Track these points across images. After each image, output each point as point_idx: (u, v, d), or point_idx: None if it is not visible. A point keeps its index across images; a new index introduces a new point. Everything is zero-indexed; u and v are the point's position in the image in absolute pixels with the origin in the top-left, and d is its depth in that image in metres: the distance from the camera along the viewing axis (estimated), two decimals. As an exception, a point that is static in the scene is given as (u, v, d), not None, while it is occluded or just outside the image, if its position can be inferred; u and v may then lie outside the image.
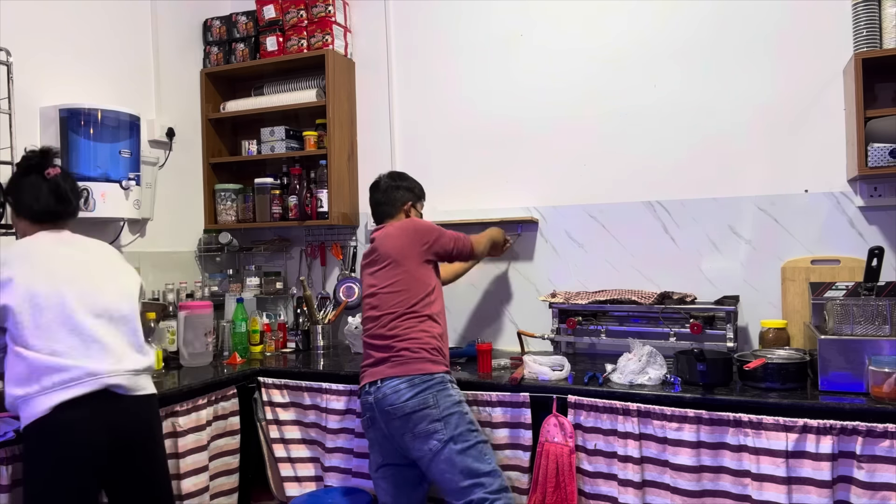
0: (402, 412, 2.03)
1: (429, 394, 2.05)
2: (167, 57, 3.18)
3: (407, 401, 2.03)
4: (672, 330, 2.47)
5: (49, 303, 1.77)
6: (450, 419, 2.03)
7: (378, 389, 2.08)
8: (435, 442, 2.01)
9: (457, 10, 3.08)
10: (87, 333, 1.80)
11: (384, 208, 2.37)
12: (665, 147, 2.73)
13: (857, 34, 2.24)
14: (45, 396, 1.70)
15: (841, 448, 1.82)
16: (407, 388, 2.05)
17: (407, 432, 2.03)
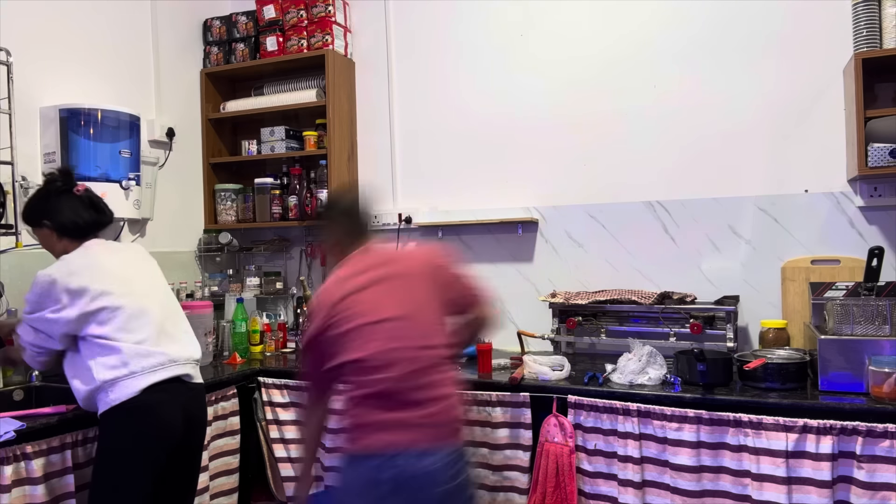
0: (442, 493, 1.60)
1: (466, 468, 1.69)
2: (167, 57, 3.18)
3: (454, 475, 1.62)
4: (672, 330, 2.47)
5: (124, 301, 1.92)
6: (473, 500, 1.73)
7: (411, 462, 1.58)
8: None
9: (457, 10, 3.08)
10: (159, 324, 1.98)
11: None
12: (665, 147, 2.73)
13: (857, 34, 2.24)
14: (135, 379, 1.85)
15: (841, 448, 1.82)
16: (454, 462, 1.64)
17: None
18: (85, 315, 1.87)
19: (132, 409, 1.84)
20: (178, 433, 1.92)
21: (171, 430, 1.90)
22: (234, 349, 2.85)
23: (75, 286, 1.87)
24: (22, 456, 1.78)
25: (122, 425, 1.84)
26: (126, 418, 1.84)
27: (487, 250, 3.03)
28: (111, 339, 1.87)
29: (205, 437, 2.14)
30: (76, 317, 1.86)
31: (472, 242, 3.06)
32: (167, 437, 1.89)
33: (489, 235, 3.02)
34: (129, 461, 1.83)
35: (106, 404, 1.84)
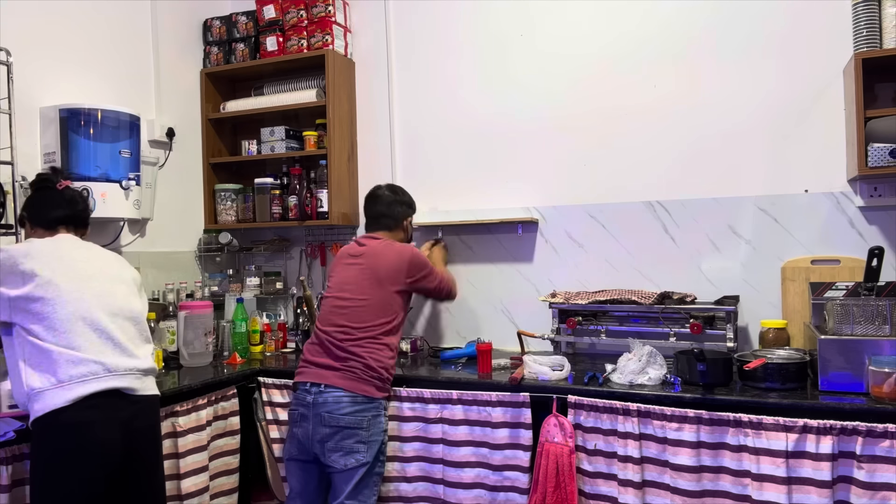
0: (336, 423, 2.16)
1: (365, 416, 2.19)
2: (167, 57, 3.18)
3: (345, 415, 2.16)
4: (672, 330, 2.47)
5: (71, 297, 1.82)
6: (373, 445, 2.20)
7: (320, 393, 2.19)
8: (353, 460, 2.16)
9: (457, 10, 3.08)
10: (104, 330, 1.85)
11: (386, 221, 2.53)
12: (665, 147, 2.73)
13: (857, 34, 2.24)
14: (63, 389, 1.72)
15: (841, 448, 1.82)
16: (349, 403, 2.17)
17: (330, 441, 2.16)
18: (22, 299, 1.77)
19: (60, 425, 1.70)
20: (115, 452, 1.77)
21: (106, 450, 1.75)
22: (234, 349, 2.85)
23: (26, 268, 1.79)
24: (22, 456, 1.79)
25: (50, 440, 1.71)
26: (54, 433, 1.71)
27: (487, 250, 3.03)
28: (42, 338, 1.76)
29: (160, 450, 1.99)
30: (14, 297, 1.76)
31: (472, 242, 3.06)
32: (102, 457, 1.75)
33: (489, 235, 3.02)
34: (60, 480, 1.70)
35: (34, 413, 1.72)
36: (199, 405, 2.35)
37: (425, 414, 2.36)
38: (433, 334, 3.11)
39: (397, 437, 2.39)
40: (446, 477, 2.33)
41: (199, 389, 2.38)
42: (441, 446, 2.34)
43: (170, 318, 2.82)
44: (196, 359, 2.73)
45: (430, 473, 2.37)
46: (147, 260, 3.00)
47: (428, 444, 2.36)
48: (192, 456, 2.29)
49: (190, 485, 2.28)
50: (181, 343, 2.72)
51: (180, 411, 2.28)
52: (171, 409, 2.25)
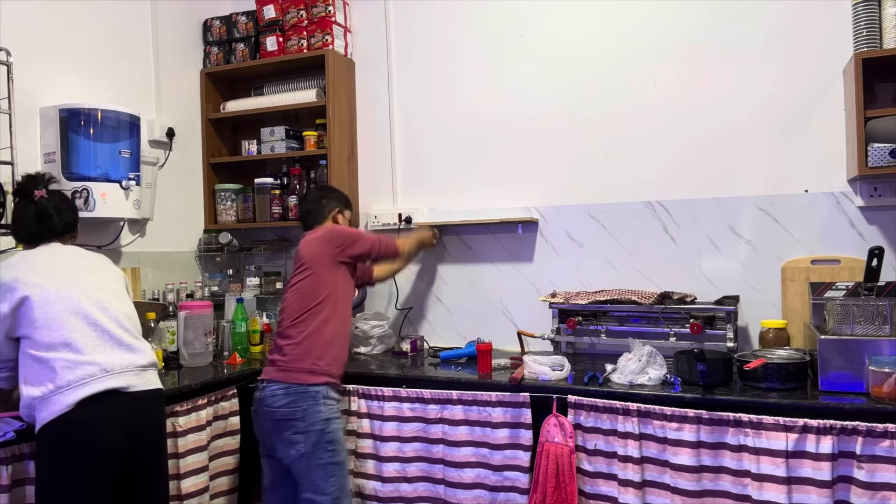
0: (273, 416, 2.18)
1: (299, 405, 2.17)
2: (167, 57, 3.18)
3: (279, 407, 2.17)
4: (672, 330, 2.47)
5: (58, 295, 1.82)
6: (311, 434, 2.16)
7: (263, 389, 2.23)
8: (293, 451, 2.16)
9: (457, 10, 3.08)
10: (97, 324, 1.85)
11: (313, 216, 2.52)
12: (665, 147, 2.73)
13: (857, 34, 2.24)
14: (63, 395, 1.73)
15: (841, 448, 1.82)
16: (282, 395, 2.18)
17: (275, 434, 2.19)
18: (13, 309, 1.79)
19: (62, 427, 1.72)
20: (118, 447, 1.78)
21: (109, 445, 1.77)
22: (234, 349, 2.85)
23: (8, 279, 1.81)
24: (22, 456, 1.78)
25: (53, 442, 1.73)
26: (56, 434, 1.72)
27: (487, 250, 3.03)
28: (38, 347, 1.77)
29: (164, 443, 2.00)
30: (8, 311, 1.78)
31: (472, 242, 3.06)
32: (105, 452, 1.76)
33: (489, 235, 3.02)
34: (63, 477, 1.71)
35: (39, 422, 1.73)
36: (199, 405, 2.35)
37: (425, 414, 2.36)
38: (433, 334, 3.11)
39: (397, 438, 2.39)
40: (447, 477, 2.33)
41: (199, 389, 2.38)
42: (441, 446, 2.34)
43: (170, 318, 2.82)
44: (196, 359, 2.73)
45: (430, 473, 2.37)
46: (147, 260, 3.00)
47: (428, 445, 2.36)
48: (192, 456, 2.29)
49: (190, 485, 2.28)
50: (181, 343, 2.72)
51: (180, 411, 2.27)
52: (171, 409, 2.24)
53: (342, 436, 2.23)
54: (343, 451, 2.22)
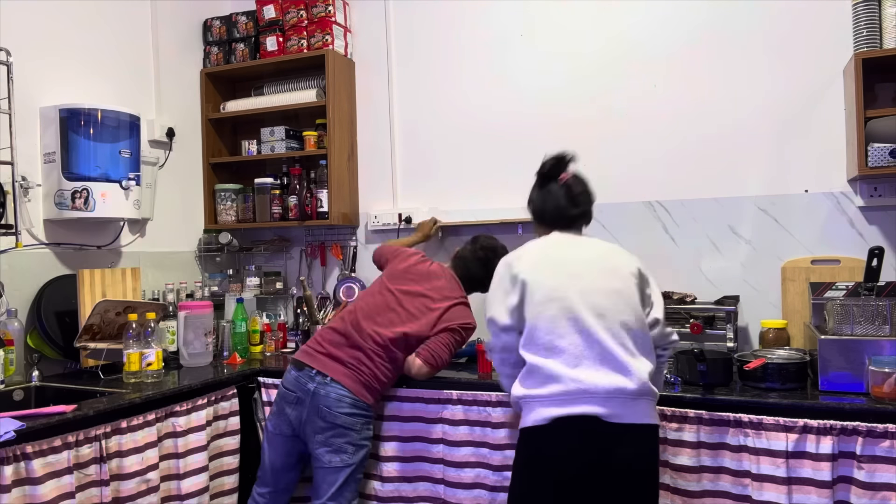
0: (333, 419, 2.17)
1: (360, 420, 2.21)
2: (167, 57, 3.18)
3: (343, 413, 2.17)
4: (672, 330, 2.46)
5: (555, 294, 1.76)
6: (360, 449, 2.22)
7: (324, 385, 2.18)
8: (338, 459, 2.18)
9: (457, 10, 3.08)
10: (590, 332, 1.70)
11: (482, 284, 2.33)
12: (665, 147, 2.73)
13: (857, 34, 2.24)
14: (535, 407, 1.71)
15: (841, 448, 1.82)
16: (349, 404, 2.18)
17: (321, 434, 2.18)
18: (514, 308, 1.80)
19: (535, 441, 1.70)
20: (581, 474, 1.65)
21: (568, 472, 1.65)
22: (234, 349, 2.85)
23: (515, 272, 1.82)
24: (22, 456, 1.78)
25: (525, 450, 1.74)
26: (528, 445, 1.73)
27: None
28: (527, 345, 1.75)
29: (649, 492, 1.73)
30: (514, 304, 1.80)
31: (472, 242, 3.05)
32: (561, 475, 1.66)
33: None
34: (522, 487, 1.74)
35: (521, 421, 1.75)
36: (198, 405, 2.35)
37: (425, 414, 2.35)
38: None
39: (397, 438, 2.39)
40: (446, 477, 2.33)
41: (199, 389, 2.38)
42: (441, 446, 2.34)
43: (170, 318, 2.82)
44: (196, 359, 2.73)
45: (430, 473, 2.37)
46: (147, 260, 3.00)
47: (428, 445, 2.36)
48: (192, 456, 2.29)
49: (190, 485, 2.28)
50: (181, 343, 2.72)
51: (180, 411, 2.27)
52: (171, 409, 2.25)
53: None
54: None
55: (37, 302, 2.51)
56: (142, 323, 2.43)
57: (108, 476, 1.99)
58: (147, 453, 2.11)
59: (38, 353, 2.48)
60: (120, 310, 2.52)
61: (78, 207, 2.52)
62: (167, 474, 2.23)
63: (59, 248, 2.65)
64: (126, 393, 2.20)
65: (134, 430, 2.09)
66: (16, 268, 2.47)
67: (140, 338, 2.40)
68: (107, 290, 2.64)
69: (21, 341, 2.42)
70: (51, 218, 2.59)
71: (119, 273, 2.72)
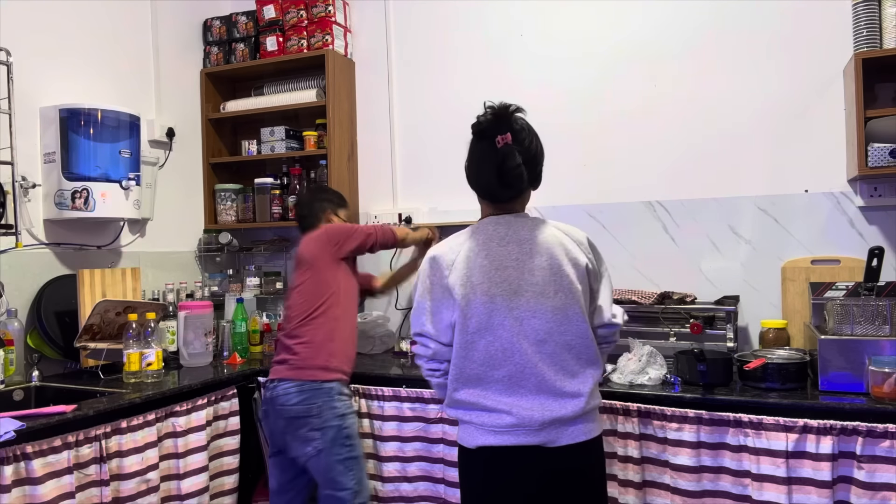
0: (287, 414, 2.17)
1: (314, 402, 2.16)
2: (167, 57, 3.18)
3: (293, 405, 2.16)
4: (672, 330, 2.47)
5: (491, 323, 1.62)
6: (327, 430, 2.15)
7: (274, 388, 2.21)
8: (310, 448, 2.15)
9: (457, 10, 3.08)
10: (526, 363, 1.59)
11: (307, 220, 2.49)
12: (665, 147, 2.73)
13: (857, 34, 2.24)
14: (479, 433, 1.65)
15: (841, 448, 1.82)
16: (296, 393, 2.17)
17: (288, 433, 2.18)
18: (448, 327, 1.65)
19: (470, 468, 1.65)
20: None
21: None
22: (233, 349, 2.85)
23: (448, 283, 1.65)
24: (22, 456, 1.78)
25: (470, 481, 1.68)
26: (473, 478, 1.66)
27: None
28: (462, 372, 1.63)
29: None
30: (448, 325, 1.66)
31: (472, 242, 3.05)
32: None
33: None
34: None
35: None
36: (198, 405, 2.35)
37: (425, 414, 2.36)
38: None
39: (398, 437, 2.39)
40: (447, 476, 2.33)
41: (199, 389, 2.38)
42: (441, 446, 2.34)
43: (170, 318, 2.82)
44: (196, 359, 2.73)
45: (430, 473, 2.37)
46: (147, 260, 3.00)
47: (428, 444, 2.36)
48: (192, 456, 2.29)
49: (190, 485, 2.28)
50: (181, 343, 2.72)
51: (180, 411, 2.27)
52: (171, 409, 2.25)
53: (357, 430, 2.25)
54: (359, 446, 2.23)
55: (37, 302, 2.51)
56: (142, 323, 2.43)
57: (108, 476, 1.99)
58: (147, 453, 2.11)
59: (38, 353, 2.48)
60: (120, 310, 2.52)
61: (78, 207, 2.52)
62: (167, 474, 2.23)
63: (59, 248, 2.65)
64: (126, 393, 2.20)
65: (134, 430, 2.09)
66: (16, 268, 2.47)
67: (140, 338, 2.40)
68: (107, 290, 2.64)
69: (21, 341, 2.42)
70: (51, 218, 2.59)
71: (119, 273, 2.72)
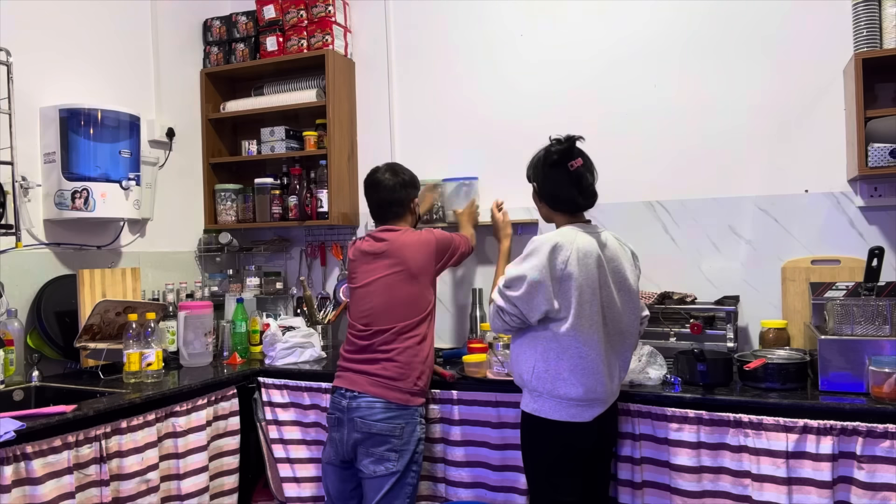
0: (367, 429, 2.11)
1: (398, 423, 2.12)
2: (167, 57, 3.18)
3: (377, 421, 2.11)
4: (672, 330, 2.47)
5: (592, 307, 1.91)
6: (404, 454, 2.12)
7: (354, 399, 2.14)
8: (382, 468, 2.10)
9: (457, 10, 3.08)
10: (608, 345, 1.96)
11: (395, 209, 2.37)
12: (665, 147, 2.73)
13: (857, 34, 2.24)
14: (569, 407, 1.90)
15: (841, 448, 1.82)
16: (382, 409, 2.12)
17: (363, 446, 2.12)
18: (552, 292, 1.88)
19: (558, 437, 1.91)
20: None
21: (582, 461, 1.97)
22: (233, 349, 2.85)
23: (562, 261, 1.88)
24: (22, 456, 1.78)
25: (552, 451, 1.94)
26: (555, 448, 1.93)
27: (488, 251, 3.03)
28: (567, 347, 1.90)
29: None
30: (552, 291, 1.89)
31: (472, 242, 3.05)
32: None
33: (489, 236, 3.01)
34: None
35: None
36: (198, 405, 2.35)
37: (425, 413, 2.35)
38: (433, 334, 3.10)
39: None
40: (447, 476, 2.33)
41: (199, 389, 2.38)
42: (441, 445, 2.34)
43: (170, 318, 2.82)
44: (196, 359, 2.73)
45: (431, 472, 2.37)
46: (147, 260, 3.00)
47: (429, 444, 2.36)
48: (192, 456, 2.29)
49: (190, 485, 2.28)
50: (181, 343, 2.72)
51: (180, 411, 2.28)
52: (171, 409, 2.25)
53: (422, 456, 2.24)
54: (420, 472, 2.22)
55: (37, 302, 2.51)
56: (142, 323, 2.43)
57: (108, 476, 1.99)
58: (147, 453, 2.12)
59: (38, 353, 2.48)
60: (120, 310, 2.52)
61: (78, 207, 2.52)
62: (167, 474, 2.23)
63: (59, 248, 2.65)
64: (126, 393, 2.20)
65: (134, 430, 2.09)
66: (16, 268, 2.47)
67: (140, 338, 2.40)
68: (107, 290, 2.64)
69: (21, 341, 2.42)
70: (51, 218, 2.59)
71: (119, 273, 2.72)
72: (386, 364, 2.14)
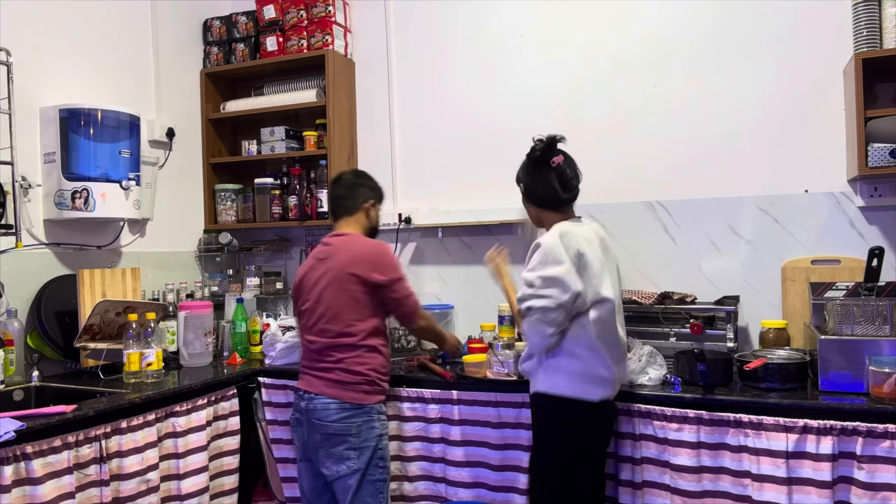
0: (325, 430, 2.11)
1: (354, 422, 2.12)
2: (167, 57, 3.18)
3: (332, 422, 2.11)
4: (672, 330, 2.47)
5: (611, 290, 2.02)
6: (364, 451, 2.11)
7: (311, 400, 2.15)
8: (344, 467, 2.10)
9: (457, 10, 3.08)
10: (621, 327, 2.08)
11: (345, 202, 2.34)
12: (665, 147, 2.73)
13: (857, 34, 2.24)
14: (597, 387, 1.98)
15: (841, 448, 1.82)
16: (336, 410, 2.12)
17: (322, 448, 2.12)
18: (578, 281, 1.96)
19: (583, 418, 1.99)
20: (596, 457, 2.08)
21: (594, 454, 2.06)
22: (234, 349, 2.85)
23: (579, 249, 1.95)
24: (22, 456, 1.78)
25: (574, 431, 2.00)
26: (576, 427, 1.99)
27: (487, 250, 3.02)
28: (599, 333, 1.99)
29: None
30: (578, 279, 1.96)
31: (472, 242, 3.06)
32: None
33: (489, 236, 3.01)
34: None
35: None
36: (198, 405, 2.35)
37: (426, 414, 2.36)
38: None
39: (398, 437, 2.39)
40: (447, 476, 2.33)
41: (199, 390, 2.38)
42: (442, 446, 2.34)
43: (170, 318, 2.82)
44: (196, 359, 2.73)
45: (431, 472, 2.37)
46: (147, 260, 3.00)
47: (429, 444, 2.36)
48: (192, 456, 2.29)
49: (190, 485, 2.28)
50: (181, 343, 2.72)
51: (180, 411, 2.27)
52: (171, 409, 2.25)
53: (389, 452, 2.22)
54: (389, 468, 2.20)
55: (37, 302, 2.51)
56: (142, 323, 2.43)
57: (108, 476, 1.99)
58: (147, 453, 2.12)
59: (38, 353, 2.48)
60: (120, 310, 2.52)
61: (78, 207, 2.52)
62: (167, 474, 2.23)
63: (59, 248, 2.65)
64: (126, 393, 2.20)
65: (134, 430, 2.09)
66: (16, 268, 2.47)
67: (140, 338, 2.40)
68: (107, 290, 2.64)
69: (21, 341, 2.42)
70: (51, 218, 2.59)
71: (119, 273, 2.72)
72: (338, 369, 2.14)
